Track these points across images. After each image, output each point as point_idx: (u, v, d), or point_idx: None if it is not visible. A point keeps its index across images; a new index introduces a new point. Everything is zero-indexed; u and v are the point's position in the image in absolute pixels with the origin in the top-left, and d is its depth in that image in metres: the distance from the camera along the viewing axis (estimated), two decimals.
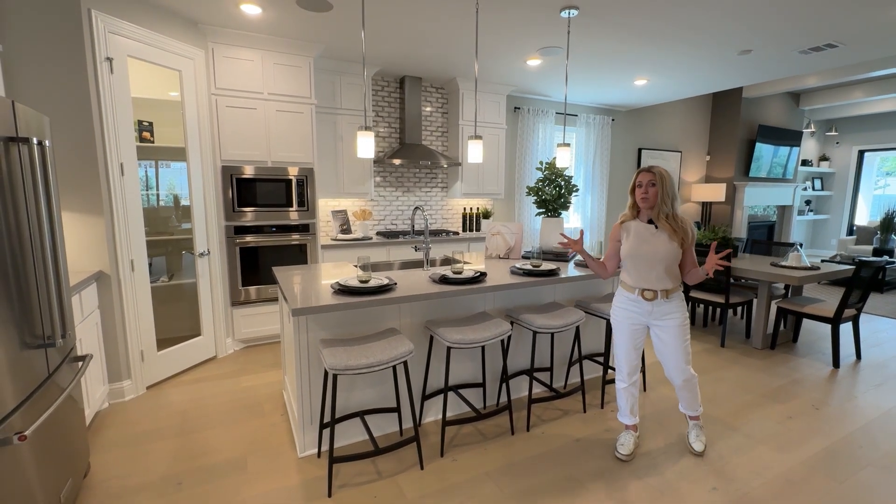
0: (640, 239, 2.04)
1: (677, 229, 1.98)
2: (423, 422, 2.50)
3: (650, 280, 2.05)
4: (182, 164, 3.20)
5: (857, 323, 3.54)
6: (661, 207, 1.98)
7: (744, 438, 2.38)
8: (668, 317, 2.07)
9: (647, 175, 2.00)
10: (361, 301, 1.96)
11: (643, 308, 2.09)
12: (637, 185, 2.03)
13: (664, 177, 1.98)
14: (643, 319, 2.11)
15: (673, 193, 1.99)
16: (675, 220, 2.00)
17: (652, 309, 2.08)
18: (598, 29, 3.27)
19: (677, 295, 2.07)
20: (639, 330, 2.15)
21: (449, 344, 2.12)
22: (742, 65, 4.14)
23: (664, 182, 1.97)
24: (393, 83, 4.61)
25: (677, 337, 2.08)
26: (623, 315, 2.16)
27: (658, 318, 2.08)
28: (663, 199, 1.97)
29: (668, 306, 2.06)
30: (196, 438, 2.35)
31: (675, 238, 1.98)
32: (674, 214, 2.00)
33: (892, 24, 3.17)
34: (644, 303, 2.08)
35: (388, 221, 4.79)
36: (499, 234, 3.15)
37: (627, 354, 2.19)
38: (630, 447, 2.21)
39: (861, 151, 8.23)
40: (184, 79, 3.07)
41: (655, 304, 2.06)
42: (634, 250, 2.05)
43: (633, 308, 2.12)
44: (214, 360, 3.41)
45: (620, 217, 2.16)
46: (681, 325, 2.07)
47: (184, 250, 3.50)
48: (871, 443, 2.35)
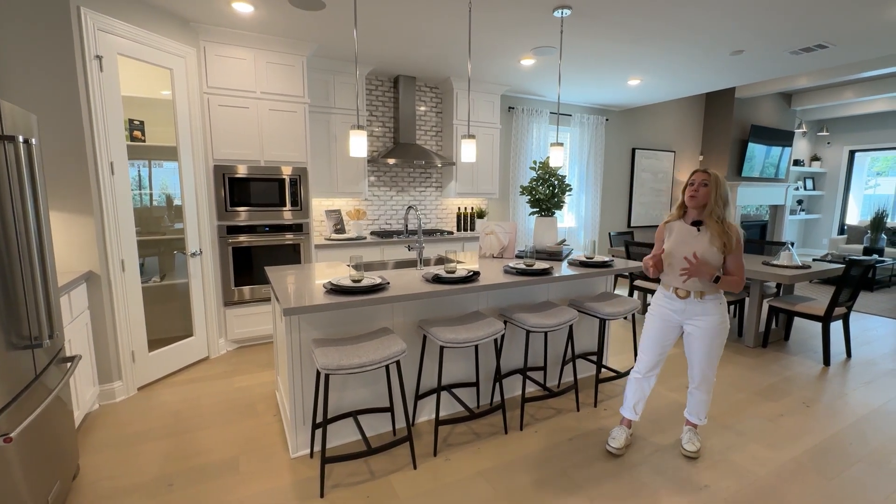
0: (681, 239, 2.06)
1: (721, 233, 1.97)
2: (416, 421, 2.50)
3: (689, 282, 2.05)
4: (174, 164, 3.17)
5: (847, 321, 3.57)
6: (714, 209, 1.99)
7: (736, 436, 2.40)
8: (701, 318, 2.07)
9: (701, 175, 2.01)
10: (354, 301, 1.95)
11: (676, 306, 2.11)
12: (689, 183, 2.04)
13: (719, 180, 2.00)
14: (676, 317, 2.13)
15: (726, 198, 2.00)
16: (722, 224, 1.99)
17: (685, 307, 2.09)
18: (590, 29, 3.28)
19: (714, 298, 2.06)
20: (670, 328, 2.15)
21: (442, 343, 2.12)
22: (734, 65, 4.17)
23: (718, 185, 1.99)
24: (387, 82, 4.60)
25: (705, 339, 2.07)
26: (657, 310, 2.19)
27: (690, 318, 2.09)
28: (716, 200, 1.98)
29: (701, 307, 2.06)
30: (188, 439, 2.33)
31: (716, 242, 1.97)
32: (723, 219, 2.00)
33: (881, 24, 3.20)
34: (677, 300, 2.10)
35: (383, 221, 4.79)
36: (492, 233, 3.15)
37: (650, 348, 2.20)
38: (621, 442, 2.22)
39: (852, 151, 8.32)
40: (175, 77, 3.05)
41: (688, 302, 2.07)
42: (673, 250, 2.07)
43: (666, 304, 2.14)
44: (207, 361, 3.39)
45: (666, 217, 2.18)
46: (713, 327, 2.05)
47: (176, 250, 3.48)
48: (861, 439, 2.37)
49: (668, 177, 7.01)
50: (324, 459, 1.89)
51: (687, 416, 2.29)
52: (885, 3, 2.85)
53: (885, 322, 4.56)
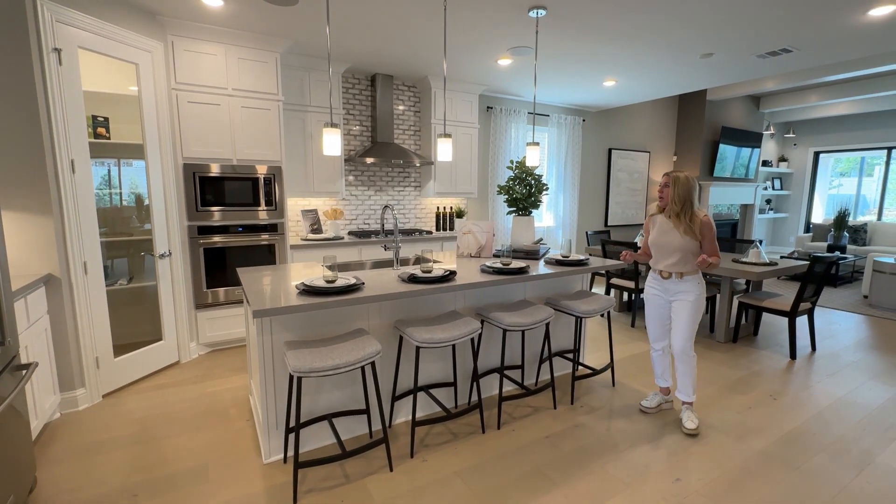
0: (661, 230, 2.46)
1: (680, 224, 2.37)
2: (393, 423, 2.47)
3: (667, 263, 2.46)
4: (143, 162, 3.06)
5: (811, 316, 3.71)
6: (672, 206, 2.39)
7: (706, 429, 2.45)
8: (681, 294, 2.46)
9: (664, 178, 2.42)
10: (327, 301, 1.92)
11: (662, 285, 2.52)
12: (659, 185, 2.51)
13: (677, 180, 2.36)
14: (664, 295, 2.53)
15: (684, 196, 2.35)
16: (684, 218, 2.36)
17: (668, 286, 2.50)
18: (565, 29, 3.31)
19: (692, 278, 2.43)
20: (662, 304, 2.56)
21: (418, 343, 2.10)
22: (705, 67, 4.27)
23: (676, 185, 2.36)
24: (364, 81, 4.55)
25: (684, 312, 2.44)
26: (648, 291, 2.62)
27: (673, 295, 2.49)
28: (673, 199, 2.37)
29: (682, 286, 2.45)
30: (154, 447, 2.25)
31: (685, 231, 2.36)
32: (686, 213, 2.37)
33: (839, 31, 3.33)
34: (662, 280, 2.52)
35: (361, 221, 4.73)
36: (470, 232, 3.15)
37: (652, 324, 2.64)
38: (654, 403, 2.64)
39: (817, 153, 8.65)
40: (141, 72, 2.94)
41: (671, 282, 2.48)
42: (655, 239, 2.49)
43: (655, 284, 2.57)
44: (177, 366, 3.28)
45: (649, 212, 2.49)
46: (691, 302, 2.43)
47: (145, 252, 3.35)
48: (824, 429, 2.46)
49: (644, 176, 7.15)
50: (297, 464, 1.85)
51: (678, 396, 2.54)
52: (841, 11, 2.97)
53: (847, 316, 4.76)
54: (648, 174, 7.20)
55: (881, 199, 7.85)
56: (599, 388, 2.95)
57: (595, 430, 2.44)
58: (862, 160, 8.39)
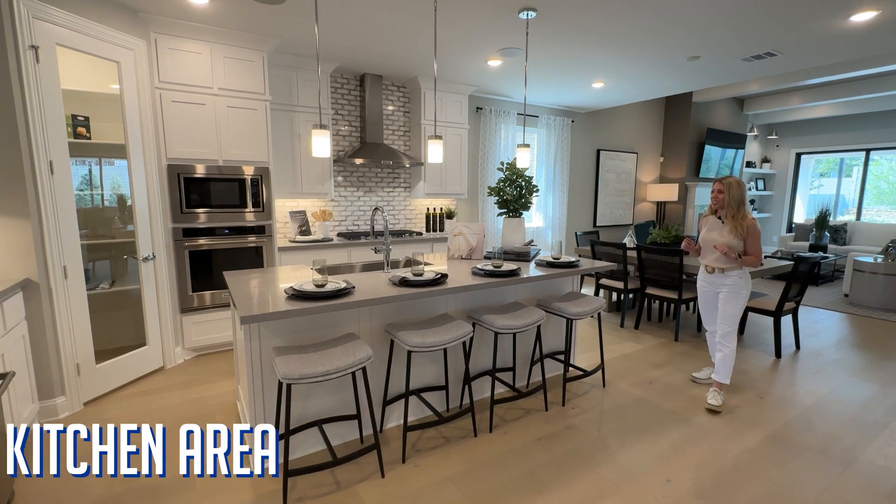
0: (710, 228, 2.82)
1: (736, 227, 2.67)
2: (385, 427, 2.45)
3: (711, 259, 2.81)
4: (126, 162, 2.98)
5: (796, 315, 3.78)
6: (728, 209, 2.70)
7: (696, 430, 2.48)
8: (725, 287, 2.78)
9: (718, 184, 2.73)
10: (317, 307, 1.88)
11: (708, 278, 2.87)
12: (712, 191, 2.76)
13: (731, 186, 2.68)
14: (710, 287, 2.88)
15: (738, 199, 2.67)
16: (735, 220, 2.68)
17: (713, 279, 2.84)
18: (555, 31, 3.32)
19: (735, 273, 2.74)
20: (710, 295, 2.91)
21: (409, 348, 2.08)
22: (692, 70, 4.33)
23: (730, 190, 2.68)
24: (353, 80, 4.50)
25: (726, 304, 2.77)
26: (699, 283, 2.98)
27: (719, 287, 2.82)
28: (729, 203, 2.69)
29: (725, 279, 2.77)
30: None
31: (733, 230, 2.67)
32: (738, 215, 2.68)
33: (821, 35, 3.39)
34: (707, 274, 2.87)
35: (350, 222, 4.69)
36: (461, 234, 3.14)
37: (703, 311, 3.02)
38: (704, 374, 3.07)
39: (798, 154, 8.83)
40: (123, 71, 2.86)
41: (715, 276, 2.82)
42: (704, 237, 2.84)
43: (703, 277, 2.92)
44: (162, 371, 3.21)
45: (704, 213, 2.91)
46: (733, 294, 2.75)
47: (127, 255, 3.27)
48: (809, 427, 2.51)
49: (631, 177, 7.22)
50: (286, 472, 1.81)
51: (714, 377, 2.83)
52: (823, 16, 3.02)
53: (828, 314, 4.87)
54: (636, 175, 7.27)
55: (860, 200, 8.06)
56: (590, 389, 2.97)
57: (586, 432, 2.44)
58: (841, 161, 8.59)
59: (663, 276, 4.00)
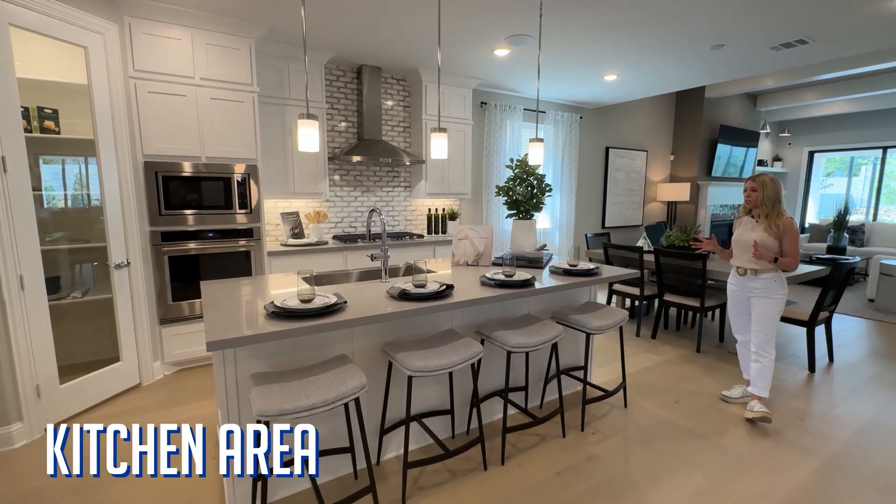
0: (743, 229, 2.62)
1: (771, 225, 2.47)
2: (382, 459, 2.16)
3: (743, 260, 2.62)
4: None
5: (829, 325, 3.49)
6: (762, 208, 2.51)
7: (734, 460, 2.19)
8: (758, 291, 2.57)
9: (750, 182, 2.55)
10: (301, 327, 1.59)
11: (739, 281, 2.67)
12: (745, 189, 2.57)
13: (765, 184, 2.49)
14: (741, 292, 2.68)
15: (773, 197, 2.48)
16: (770, 219, 2.48)
17: (745, 283, 2.63)
18: (570, 15, 3.02)
19: (769, 276, 2.53)
20: (741, 300, 2.70)
21: (410, 372, 1.79)
22: (713, 60, 4.03)
23: (764, 188, 2.49)
24: (350, 73, 4.21)
25: (759, 309, 2.56)
26: (730, 288, 2.77)
27: (751, 291, 2.61)
28: (763, 201, 2.49)
29: (757, 283, 2.57)
30: (101, 495, 1.91)
31: (768, 230, 2.48)
32: (773, 213, 2.48)
33: (867, 18, 3.09)
34: (739, 276, 2.66)
35: (346, 224, 4.40)
36: (466, 238, 2.85)
37: (734, 318, 2.78)
38: (735, 393, 2.77)
39: (811, 152, 8.54)
40: (91, 57, 2.58)
41: (746, 279, 2.61)
42: (736, 237, 2.65)
43: (734, 280, 2.72)
44: (138, 389, 2.92)
45: (738, 214, 2.72)
46: (767, 300, 2.53)
47: (98, 262, 2.98)
48: (863, 458, 2.21)
49: (641, 176, 6.92)
50: None
51: (751, 391, 2.64)
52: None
53: (856, 322, 4.57)
54: (646, 174, 6.97)
55: (876, 199, 7.76)
56: (611, 410, 2.68)
57: (611, 464, 2.15)
58: (851, 160, 8.30)
59: (683, 282, 3.70)
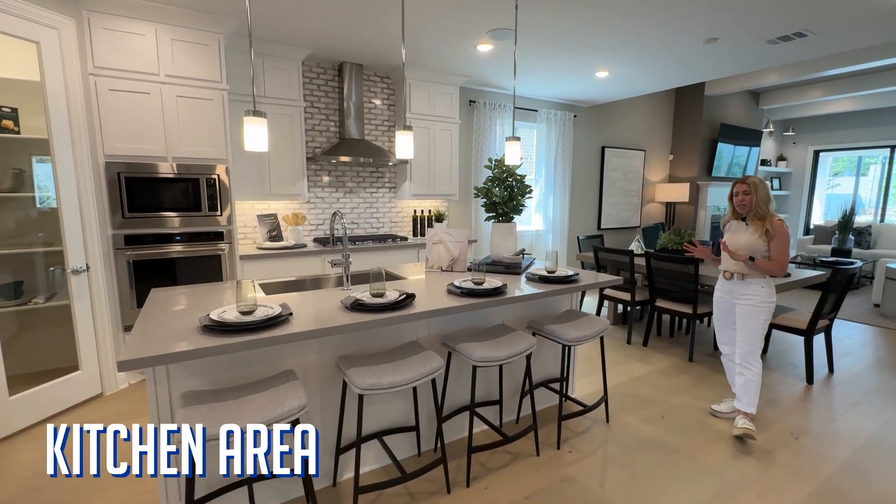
0: (732, 232, 2.49)
1: (765, 226, 2.33)
2: (339, 480, 2.01)
3: (730, 264, 2.48)
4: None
5: (829, 334, 3.30)
6: (757, 211, 2.37)
7: (721, 483, 2.02)
8: (744, 297, 2.44)
9: (741, 186, 2.40)
10: (236, 343, 1.46)
11: (726, 286, 2.54)
12: (734, 194, 2.43)
13: (756, 186, 2.35)
14: (728, 297, 2.55)
15: (766, 198, 2.35)
16: (765, 220, 2.34)
17: (731, 288, 2.51)
18: (553, 8, 2.87)
19: (756, 281, 2.40)
20: (727, 307, 2.57)
21: (360, 391, 1.65)
22: (707, 55, 3.86)
23: (756, 190, 2.35)
24: (330, 70, 4.08)
25: (745, 317, 2.43)
26: (715, 294, 2.64)
27: (737, 297, 2.48)
28: (758, 204, 2.35)
29: (745, 288, 2.44)
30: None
31: (759, 231, 2.34)
32: (766, 215, 2.35)
33: (866, 10, 2.92)
34: (725, 281, 2.54)
35: (327, 226, 4.26)
36: (441, 242, 2.70)
37: (718, 327, 2.65)
38: (724, 408, 2.60)
39: (816, 152, 8.30)
40: (44, 53, 2.46)
41: (733, 283, 2.49)
42: (727, 241, 2.49)
43: (721, 286, 2.59)
44: (100, 399, 2.80)
45: (726, 217, 2.57)
46: (753, 306, 2.40)
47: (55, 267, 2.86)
48: (862, 481, 2.04)
49: (639, 176, 6.74)
50: None
51: (736, 406, 2.48)
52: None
53: (859, 329, 4.37)
54: (644, 174, 6.79)
55: (884, 200, 7.52)
56: (592, 426, 2.52)
57: (586, 486, 2.00)
58: (859, 159, 8.05)
59: (676, 288, 3.53)
